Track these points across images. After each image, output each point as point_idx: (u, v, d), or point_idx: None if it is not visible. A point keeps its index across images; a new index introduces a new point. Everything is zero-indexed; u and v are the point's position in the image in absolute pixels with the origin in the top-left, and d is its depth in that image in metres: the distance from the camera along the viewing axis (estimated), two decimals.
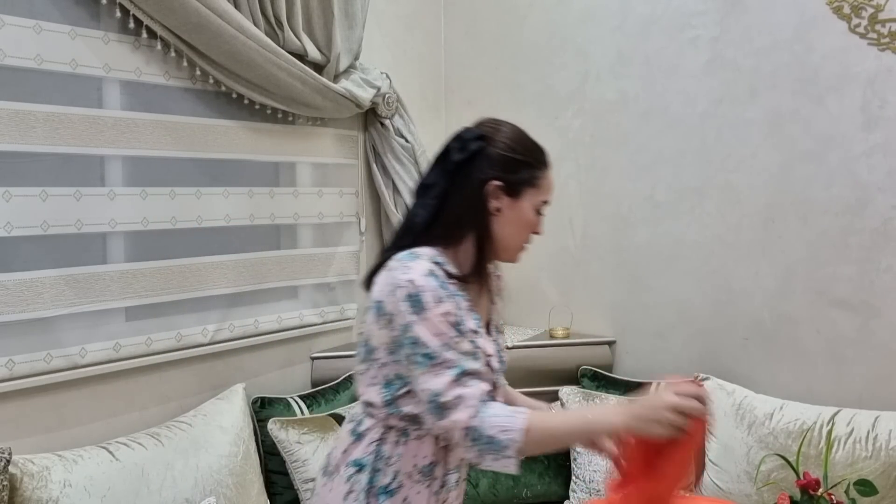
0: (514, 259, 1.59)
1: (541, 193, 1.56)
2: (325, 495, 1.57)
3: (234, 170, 2.66)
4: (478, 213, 1.52)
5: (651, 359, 3.07)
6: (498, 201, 1.52)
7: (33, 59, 2.11)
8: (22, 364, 2.11)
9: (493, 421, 1.37)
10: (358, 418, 1.58)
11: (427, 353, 1.40)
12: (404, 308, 1.42)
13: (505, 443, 1.36)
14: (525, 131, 1.59)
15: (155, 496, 2.13)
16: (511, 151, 1.53)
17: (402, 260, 1.48)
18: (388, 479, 1.51)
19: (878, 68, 2.55)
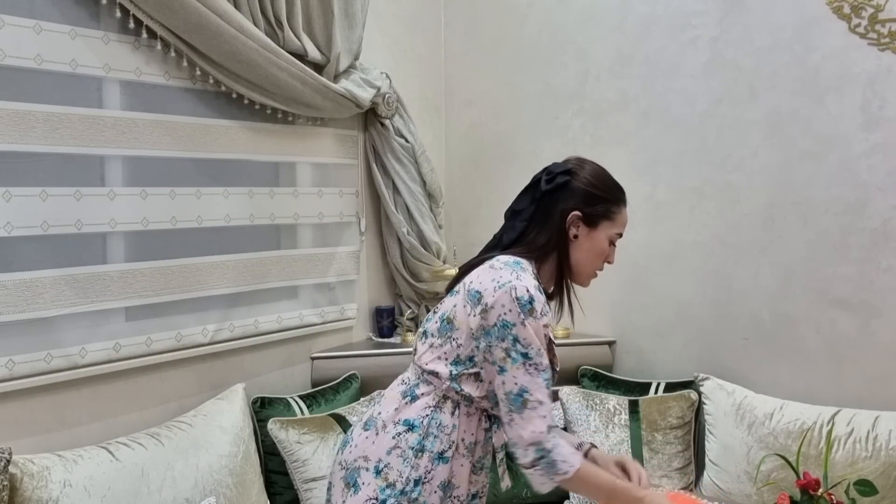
0: (585, 283, 1.83)
1: (615, 226, 1.78)
2: (365, 447, 1.72)
3: (234, 170, 2.66)
4: (559, 238, 1.76)
5: (651, 359, 3.07)
6: (577, 229, 1.76)
7: (33, 59, 2.11)
8: (22, 364, 2.11)
9: (561, 450, 1.62)
10: (412, 382, 1.75)
11: (525, 353, 1.62)
12: (513, 307, 1.62)
13: (561, 472, 1.61)
14: (607, 171, 1.82)
15: (155, 496, 2.13)
16: (592, 187, 1.77)
17: (510, 265, 1.70)
18: (444, 447, 1.68)
19: (878, 68, 2.55)
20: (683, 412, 2.80)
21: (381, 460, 1.68)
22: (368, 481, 1.67)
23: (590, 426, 2.80)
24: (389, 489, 1.65)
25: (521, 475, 2.85)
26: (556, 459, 1.61)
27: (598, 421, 2.80)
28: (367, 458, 1.70)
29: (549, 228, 1.76)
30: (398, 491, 1.65)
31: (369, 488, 1.66)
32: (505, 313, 1.62)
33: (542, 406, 1.62)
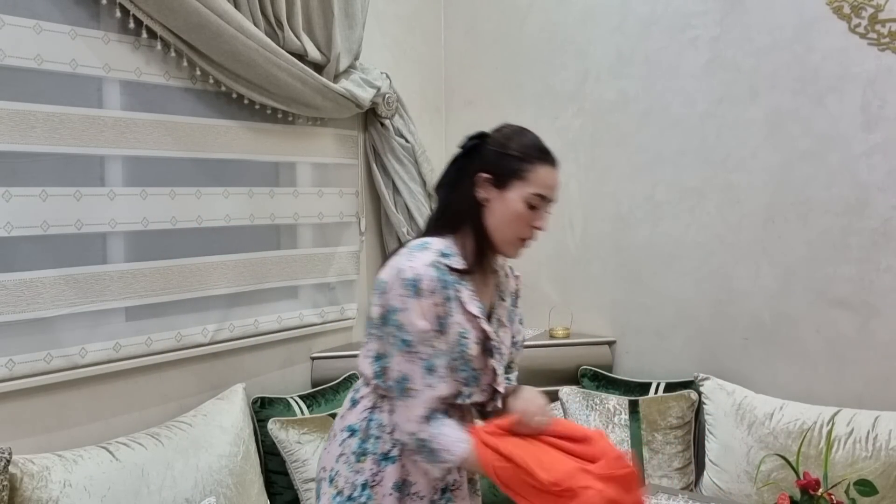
0: (510, 253, 1.66)
1: (529, 186, 1.60)
2: (323, 457, 1.72)
3: (234, 170, 2.66)
4: (470, 205, 1.63)
5: (651, 359, 3.07)
6: (486, 192, 1.62)
7: (33, 59, 2.11)
8: (22, 364, 2.11)
9: (442, 439, 1.56)
10: (356, 387, 1.72)
11: (405, 340, 1.55)
12: (400, 291, 1.54)
13: (441, 460, 1.56)
14: (529, 132, 1.67)
15: (155, 496, 2.13)
16: (502, 146, 1.64)
17: (412, 248, 1.61)
18: (388, 447, 1.62)
19: (878, 68, 2.55)
20: (683, 412, 2.80)
21: (332, 469, 1.67)
22: (325, 491, 1.67)
23: (590, 426, 2.80)
24: (339, 496, 1.63)
25: None
26: (436, 448, 1.55)
27: (598, 421, 2.80)
28: (324, 468, 1.70)
29: (461, 196, 1.64)
30: (346, 497, 1.62)
31: (325, 497, 1.67)
32: (392, 299, 1.55)
33: (421, 394, 1.55)
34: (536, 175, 1.61)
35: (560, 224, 3.27)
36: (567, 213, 3.25)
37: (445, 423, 1.58)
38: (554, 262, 3.31)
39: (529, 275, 3.36)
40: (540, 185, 1.61)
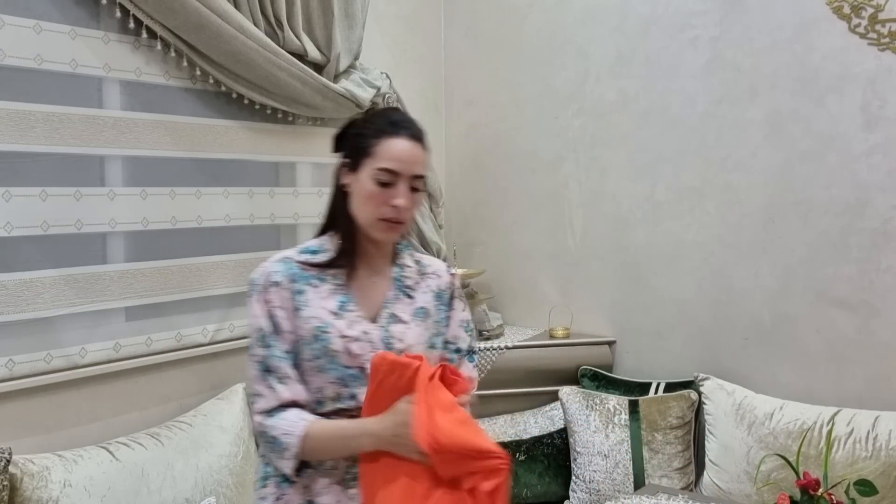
0: (379, 236, 1.56)
1: (376, 160, 1.52)
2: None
3: (234, 170, 2.66)
4: (335, 195, 1.60)
5: (651, 359, 3.07)
6: (345, 178, 1.57)
7: (33, 59, 2.11)
8: (22, 364, 2.11)
9: (280, 423, 1.48)
10: None
11: (250, 346, 1.55)
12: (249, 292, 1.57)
13: (284, 446, 1.47)
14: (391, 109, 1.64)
15: (155, 496, 2.13)
16: (357, 128, 1.58)
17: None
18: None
19: (878, 68, 2.55)
20: (683, 412, 2.80)
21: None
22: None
23: (590, 426, 2.80)
24: None
25: (521, 475, 2.86)
26: (276, 435, 1.47)
27: (598, 421, 2.80)
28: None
29: (332, 189, 1.60)
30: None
31: None
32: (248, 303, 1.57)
33: (261, 398, 1.51)
34: (383, 149, 1.52)
35: (560, 224, 3.27)
36: (567, 213, 3.25)
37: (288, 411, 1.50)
38: (554, 262, 3.31)
39: (529, 275, 3.38)
40: (386, 158, 1.51)
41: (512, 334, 3.21)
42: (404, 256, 1.66)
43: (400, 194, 1.52)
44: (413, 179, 1.54)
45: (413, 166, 1.53)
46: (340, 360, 1.51)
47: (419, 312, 1.62)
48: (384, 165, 1.51)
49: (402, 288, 1.61)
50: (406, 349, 1.55)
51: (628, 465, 2.73)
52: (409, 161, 1.53)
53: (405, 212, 1.53)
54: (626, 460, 2.74)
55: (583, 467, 2.78)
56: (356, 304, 1.55)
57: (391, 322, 1.58)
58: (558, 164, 3.25)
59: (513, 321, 3.40)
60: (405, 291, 1.62)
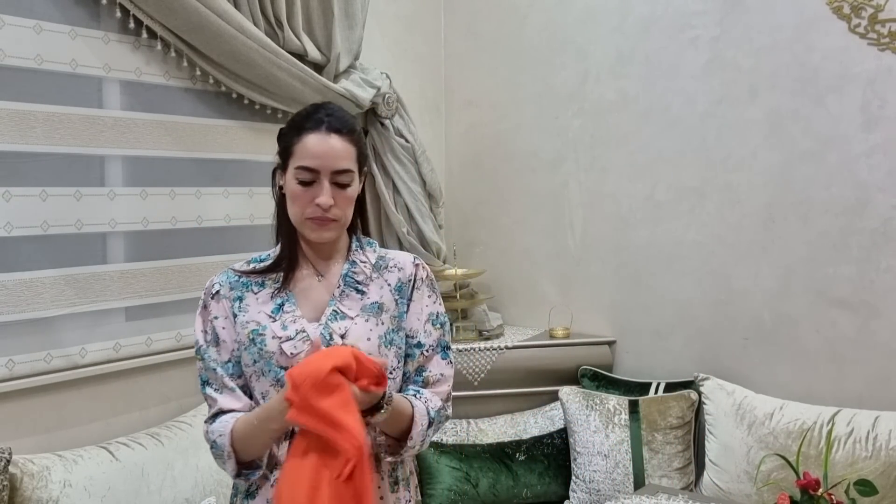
0: (310, 235, 1.52)
1: (296, 159, 1.48)
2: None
3: (234, 170, 2.66)
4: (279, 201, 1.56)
5: (651, 359, 3.07)
6: (280, 179, 1.54)
7: (33, 59, 2.11)
8: (22, 364, 2.11)
9: (216, 427, 1.49)
10: None
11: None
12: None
13: (222, 447, 1.47)
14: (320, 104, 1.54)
15: (155, 496, 2.13)
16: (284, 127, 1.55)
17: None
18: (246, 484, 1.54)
19: (878, 68, 2.55)
20: (683, 412, 2.80)
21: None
22: None
23: (590, 426, 2.80)
24: None
25: (521, 475, 2.86)
26: (214, 439, 1.48)
27: (598, 421, 2.80)
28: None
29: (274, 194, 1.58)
30: None
31: None
32: None
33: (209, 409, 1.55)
34: (300, 146, 1.47)
35: (560, 224, 3.27)
36: (567, 214, 3.25)
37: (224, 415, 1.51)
38: (554, 262, 3.31)
39: (529, 275, 3.38)
40: (302, 156, 1.47)
41: (512, 334, 3.21)
42: (363, 253, 1.60)
43: (322, 192, 1.46)
44: (335, 175, 1.47)
45: (331, 161, 1.47)
46: (277, 360, 1.48)
47: (371, 307, 1.54)
48: (300, 163, 1.47)
49: (351, 284, 1.55)
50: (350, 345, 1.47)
51: (628, 465, 2.73)
52: (326, 156, 1.46)
53: (333, 209, 1.48)
54: (626, 460, 2.74)
55: (583, 467, 2.78)
56: (295, 305, 1.53)
57: (334, 319, 1.52)
58: (558, 164, 3.25)
59: (513, 321, 3.40)
60: (355, 287, 1.55)
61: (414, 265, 1.62)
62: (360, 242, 1.62)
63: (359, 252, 1.60)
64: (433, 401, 1.55)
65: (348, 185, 1.50)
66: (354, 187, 1.52)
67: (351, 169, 1.50)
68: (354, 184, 1.52)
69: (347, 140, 1.50)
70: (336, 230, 1.53)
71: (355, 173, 1.51)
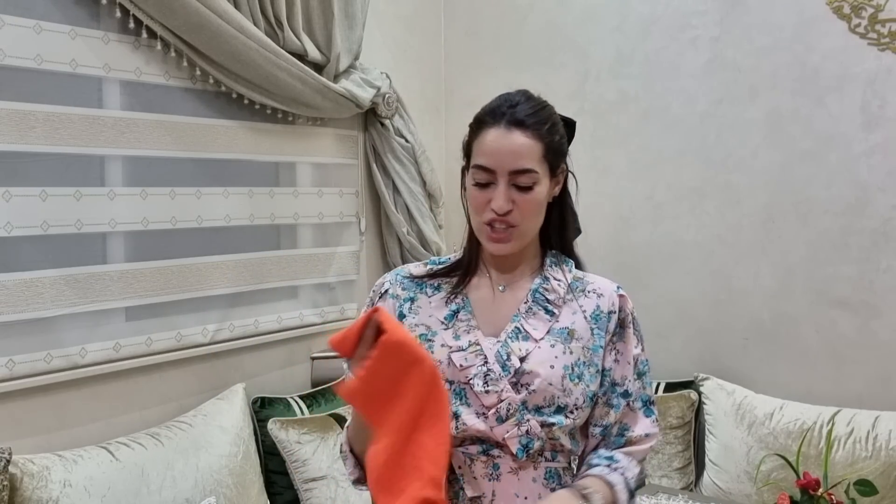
0: (486, 244, 1.37)
1: (474, 157, 1.34)
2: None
3: (234, 170, 2.66)
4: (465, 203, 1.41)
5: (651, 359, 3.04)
6: (465, 180, 1.39)
7: (33, 59, 2.11)
8: (22, 364, 2.11)
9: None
10: None
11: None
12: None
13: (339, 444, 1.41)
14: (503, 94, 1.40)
15: (155, 496, 2.13)
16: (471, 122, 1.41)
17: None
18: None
19: (878, 68, 2.55)
20: (683, 412, 2.80)
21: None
22: None
23: None
24: None
25: None
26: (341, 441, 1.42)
27: None
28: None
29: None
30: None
31: None
32: None
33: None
34: (479, 145, 1.34)
35: None
36: None
37: None
38: None
39: None
40: (479, 154, 1.33)
41: None
42: (556, 270, 1.42)
43: (497, 195, 1.30)
44: (514, 175, 1.30)
45: (508, 159, 1.30)
46: (443, 371, 1.32)
47: (560, 332, 1.36)
48: (477, 162, 1.33)
49: (541, 302, 1.37)
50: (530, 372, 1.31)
51: None
52: (502, 154, 1.30)
53: (513, 215, 1.31)
54: None
55: None
56: (472, 315, 1.37)
57: (515, 337, 1.35)
58: None
59: None
60: (545, 306, 1.37)
61: (618, 295, 1.44)
62: (556, 258, 1.45)
63: (554, 268, 1.42)
64: (630, 469, 1.35)
65: (530, 188, 1.32)
66: (541, 191, 1.34)
67: (532, 169, 1.31)
68: (540, 187, 1.33)
69: (532, 135, 1.32)
70: (517, 243, 1.35)
71: (540, 174, 1.33)
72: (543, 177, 1.34)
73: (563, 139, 1.42)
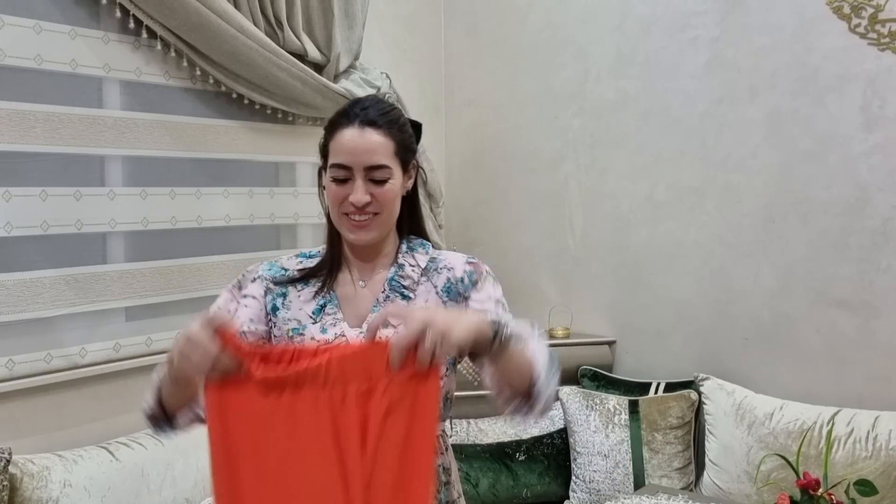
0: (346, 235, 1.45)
1: (331, 157, 1.42)
2: None
3: (234, 170, 2.66)
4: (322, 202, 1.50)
5: (651, 359, 3.07)
6: (323, 180, 1.48)
7: (33, 59, 2.11)
8: (22, 364, 2.11)
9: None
10: None
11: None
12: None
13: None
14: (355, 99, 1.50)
15: (155, 496, 2.13)
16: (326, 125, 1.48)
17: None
18: None
19: (878, 68, 2.55)
20: (683, 412, 2.80)
21: None
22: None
23: (590, 426, 2.80)
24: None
25: (521, 475, 2.86)
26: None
27: (598, 421, 2.80)
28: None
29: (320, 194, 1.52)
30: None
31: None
32: None
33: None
34: (335, 144, 1.42)
35: (560, 224, 3.27)
36: (567, 213, 3.25)
37: None
38: (554, 262, 3.31)
39: (529, 275, 3.38)
40: (336, 153, 1.41)
41: None
42: (412, 256, 1.50)
43: (355, 189, 1.39)
44: (369, 171, 1.39)
45: (363, 156, 1.39)
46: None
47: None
48: (335, 161, 1.41)
49: (396, 289, 1.47)
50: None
51: (628, 465, 2.73)
52: (358, 151, 1.39)
53: (371, 206, 1.40)
54: (626, 460, 2.74)
55: (583, 467, 2.78)
56: (338, 308, 1.46)
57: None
58: (558, 164, 3.25)
59: None
60: (400, 292, 1.47)
61: (468, 262, 1.51)
62: (409, 244, 1.52)
63: (408, 255, 1.50)
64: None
65: (385, 182, 1.40)
66: (395, 184, 1.42)
67: (386, 164, 1.40)
68: (394, 180, 1.42)
69: (384, 134, 1.41)
70: (376, 231, 1.43)
71: (393, 168, 1.41)
72: (396, 171, 1.43)
73: (412, 138, 1.50)
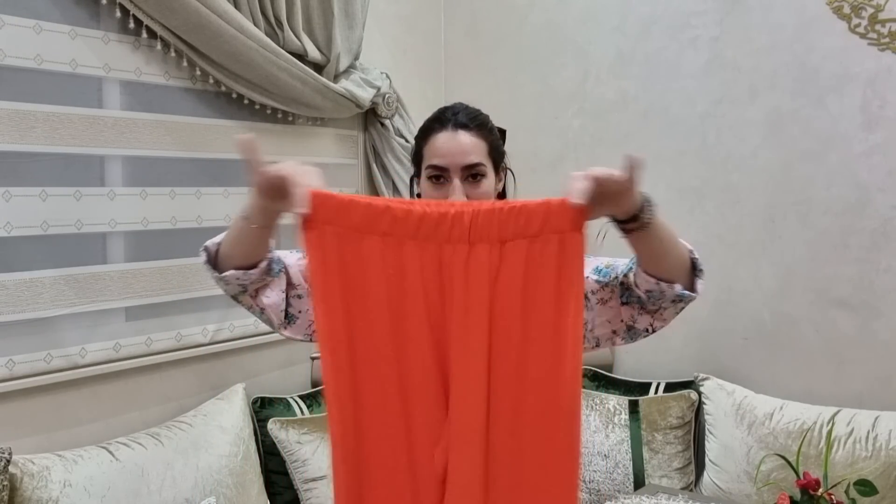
0: None
1: (426, 160, 1.49)
2: None
3: (234, 170, 2.65)
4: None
5: (651, 359, 3.07)
6: (418, 188, 1.54)
7: (33, 59, 2.11)
8: (22, 364, 2.11)
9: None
10: None
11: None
12: None
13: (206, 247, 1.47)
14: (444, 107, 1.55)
15: (155, 496, 2.13)
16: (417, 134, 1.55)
17: None
18: None
19: (878, 68, 2.55)
20: (683, 412, 2.80)
21: None
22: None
23: (590, 426, 2.80)
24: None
25: None
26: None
27: (598, 421, 2.80)
28: None
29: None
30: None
31: None
32: None
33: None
34: (429, 148, 1.49)
35: None
36: None
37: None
38: None
39: None
40: (431, 156, 1.48)
41: None
42: None
43: (453, 189, 1.45)
44: (466, 170, 1.45)
45: (459, 157, 1.45)
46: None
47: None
48: (430, 162, 1.47)
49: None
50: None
51: (628, 465, 2.73)
52: (454, 153, 1.45)
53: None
54: (626, 460, 2.74)
55: (583, 467, 2.78)
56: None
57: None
58: (558, 164, 3.25)
59: None
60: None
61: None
62: None
63: None
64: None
65: (481, 181, 1.46)
66: (489, 183, 1.48)
67: (482, 163, 1.47)
68: (488, 180, 1.48)
69: (476, 135, 1.49)
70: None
71: (488, 167, 1.48)
72: (490, 171, 1.49)
73: (500, 140, 1.58)
